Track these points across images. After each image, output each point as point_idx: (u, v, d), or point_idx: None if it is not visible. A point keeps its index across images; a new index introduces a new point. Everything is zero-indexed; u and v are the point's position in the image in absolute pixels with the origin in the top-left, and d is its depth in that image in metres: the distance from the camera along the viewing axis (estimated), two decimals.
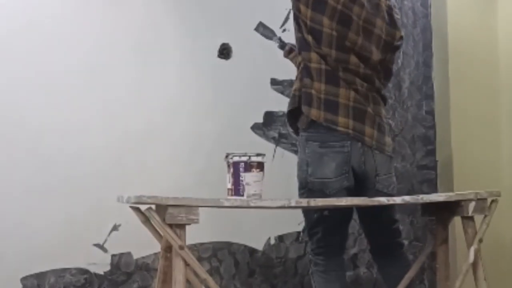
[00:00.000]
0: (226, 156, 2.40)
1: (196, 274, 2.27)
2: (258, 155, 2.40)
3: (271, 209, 2.51)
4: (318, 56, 2.54)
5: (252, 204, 2.31)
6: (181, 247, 2.19)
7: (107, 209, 2.91)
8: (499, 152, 3.95)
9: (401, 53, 3.81)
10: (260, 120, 3.38)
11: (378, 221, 2.72)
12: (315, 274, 2.62)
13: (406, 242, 3.72)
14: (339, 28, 2.53)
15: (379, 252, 2.77)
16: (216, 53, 3.20)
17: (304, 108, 2.56)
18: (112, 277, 3.02)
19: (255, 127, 3.37)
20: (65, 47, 2.99)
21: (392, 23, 2.71)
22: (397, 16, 2.76)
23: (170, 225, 2.20)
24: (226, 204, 2.28)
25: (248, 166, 2.36)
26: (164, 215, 2.19)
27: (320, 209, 2.53)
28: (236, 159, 2.36)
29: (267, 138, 3.40)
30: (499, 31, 3.96)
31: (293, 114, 2.66)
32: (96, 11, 3.06)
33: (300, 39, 2.60)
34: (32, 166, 2.90)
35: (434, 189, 3.82)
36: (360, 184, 2.61)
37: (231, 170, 2.37)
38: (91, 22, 3.05)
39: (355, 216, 2.78)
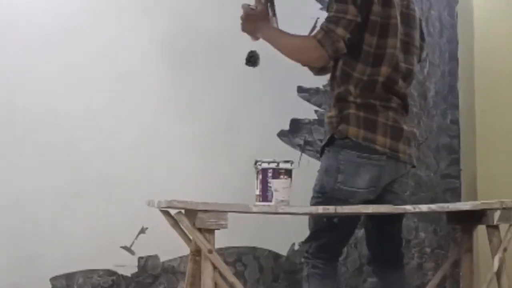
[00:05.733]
0: (255, 163, 2.43)
1: (223, 278, 2.31)
2: (286, 162, 2.43)
3: (298, 215, 2.54)
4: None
5: (280, 210, 2.34)
6: (210, 251, 2.24)
7: (135, 212, 2.97)
8: None
9: (427, 62, 3.84)
10: (286, 127, 3.42)
11: (391, 230, 2.68)
12: (312, 277, 2.55)
13: (428, 250, 3.76)
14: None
15: (383, 262, 2.69)
16: (244, 60, 3.24)
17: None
18: (139, 279, 3.08)
19: (281, 134, 3.41)
20: (97, 53, 3.06)
21: (422, 36, 2.73)
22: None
23: (200, 230, 2.25)
24: (255, 209, 2.32)
25: (277, 173, 2.39)
26: (194, 219, 2.24)
27: (330, 216, 2.49)
28: (264, 165, 2.40)
29: (293, 145, 3.44)
30: None
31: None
32: (129, 22, 3.12)
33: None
34: (63, 171, 2.97)
35: (457, 198, 3.83)
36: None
37: (260, 176, 2.41)
38: (123, 30, 3.11)
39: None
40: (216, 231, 2.27)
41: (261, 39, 2.62)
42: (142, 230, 3.09)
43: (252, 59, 3.20)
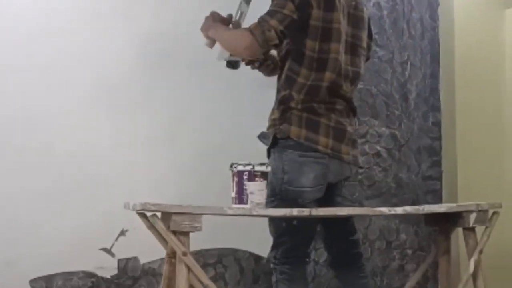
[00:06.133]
0: (231, 166, 2.45)
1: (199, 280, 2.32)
2: (261, 164, 2.45)
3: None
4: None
5: (255, 213, 2.35)
6: (185, 254, 2.25)
7: (115, 214, 2.97)
8: (504, 164, 3.98)
9: (408, 64, 3.86)
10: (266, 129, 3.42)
11: (343, 232, 2.69)
12: (280, 283, 2.55)
13: (410, 252, 3.77)
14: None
15: (341, 264, 2.71)
16: (224, 63, 3.25)
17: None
18: (119, 281, 3.08)
19: (262, 136, 3.41)
20: (74, 57, 3.06)
21: (370, 35, 2.74)
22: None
23: (174, 232, 2.26)
24: (229, 212, 2.33)
25: (252, 175, 2.41)
26: (168, 222, 2.25)
27: (289, 218, 2.49)
28: (240, 168, 2.41)
29: None
30: (506, 45, 4.00)
31: None
32: (107, 23, 3.13)
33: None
34: (42, 173, 2.97)
35: (439, 200, 3.85)
36: (328, 189, 2.57)
37: (235, 179, 2.42)
38: (100, 32, 3.12)
39: None
40: (195, 232, 2.28)
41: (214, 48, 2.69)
42: (122, 232, 3.10)
43: (232, 62, 3.20)
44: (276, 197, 2.47)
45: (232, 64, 3.15)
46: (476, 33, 3.92)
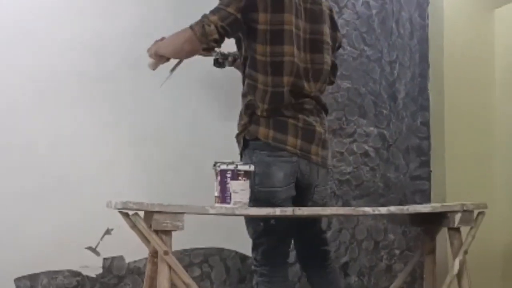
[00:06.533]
0: (214, 165, 2.44)
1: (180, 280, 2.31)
2: (245, 163, 2.44)
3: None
4: None
5: (237, 212, 2.34)
6: (166, 253, 2.24)
7: (100, 213, 2.93)
8: (492, 164, 3.97)
9: (397, 63, 3.85)
10: None
11: (313, 231, 2.70)
12: (261, 285, 2.56)
13: (398, 252, 3.77)
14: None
15: (310, 261, 2.72)
16: (211, 61, 3.24)
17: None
18: (104, 280, 3.06)
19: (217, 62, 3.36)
20: (58, 54, 3.04)
21: (334, 27, 2.72)
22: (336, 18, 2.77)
23: (156, 231, 2.25)
24: (212, 211, 2.32)
25: (235, 175, 2.39)
26: (150, 221, 2.24)
27: (266, 219, 2.49)
28: (223, 167, 2.40)
29: None
30: (496, 44, 3.99)
31: None
32: (91, 18, 3.11)
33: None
34: (26, 171, 2.94)
35: (427, 200, 3.84)
36: (299, 194, 2.58)
37: (219, 178, 2.41)
38: (84, 29, 3.10)
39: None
40: (181, 232, 2.27)
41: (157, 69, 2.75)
42: (107, 231, 3.08)
43: (219, 60, 3.19)
44: (251, 198, 2.46)
45: (220, 64, 3.15)
46: (465, 33, 3.92)
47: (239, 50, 2.63)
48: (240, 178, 2.40)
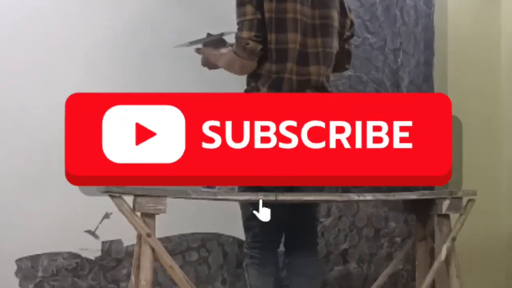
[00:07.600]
0: None
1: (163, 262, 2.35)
2: None
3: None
4: None
5: (219, 197, 2.38)
6: (149, 235, 2.29)
7: (99, 197, 3.01)
8: (498, 151, 3.94)
9: (401, 51, 3.84)
10: None
11: (305, 217, 2.69)
12: (249, 267, 2.59)
13: (399, 240, 3.76)
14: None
15: (295, 249, 2.71)
16: None
17: None
18: (103, 263, 3.14)
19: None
20: (64, 47, 3.11)
21: (343, 12, 2.71)
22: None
23: (141, 215, 2.30)
24: (194, 195, 2.35)
25: None
26: (134, 204, 2.30)
27: (257, 203, 2.49)
28: None
29: None
30: (501, 32, 3.95)
31: None
32: (93, 11, 3.17)
33: None
34: (28, 156, 3.03)
35: (431, 188, 3.82)
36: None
37: None
38: (87, 21, 3.16)
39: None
40: (179, 217, 2.32)
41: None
42: (106, 215, 3.15)
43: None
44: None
45: None
46: (470, 20, 3.88)
47: None
48: None
